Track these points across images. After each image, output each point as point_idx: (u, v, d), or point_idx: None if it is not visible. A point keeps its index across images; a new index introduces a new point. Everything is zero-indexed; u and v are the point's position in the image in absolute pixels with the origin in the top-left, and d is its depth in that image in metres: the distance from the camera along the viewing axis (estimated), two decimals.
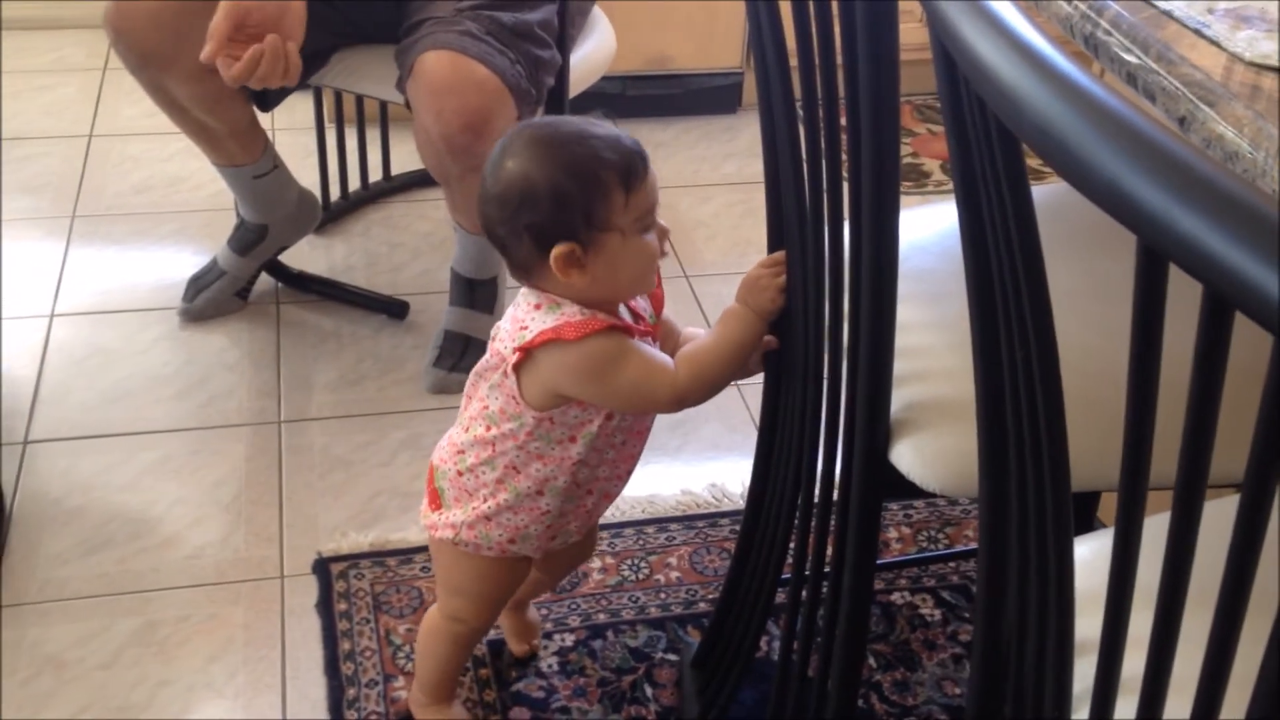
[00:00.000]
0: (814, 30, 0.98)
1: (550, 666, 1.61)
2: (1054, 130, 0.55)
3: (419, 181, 2.61)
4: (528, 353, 1.19)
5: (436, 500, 1.35)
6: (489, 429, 1.26)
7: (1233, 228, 0.48)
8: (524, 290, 1.23)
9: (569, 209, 1.15)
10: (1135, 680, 0.70)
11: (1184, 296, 0.59)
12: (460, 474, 1.31)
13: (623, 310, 1.25)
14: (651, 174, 1.19)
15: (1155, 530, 0.66)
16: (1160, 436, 0.63)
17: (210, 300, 2.22)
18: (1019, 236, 0.68)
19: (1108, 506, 1.69)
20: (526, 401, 1.22)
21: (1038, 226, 0.68)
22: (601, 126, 1.19)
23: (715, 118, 2.97)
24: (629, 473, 1.34)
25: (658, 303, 1.30)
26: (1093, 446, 0.90)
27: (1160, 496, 0.68)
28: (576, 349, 1.17)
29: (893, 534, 1.86)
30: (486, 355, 1.27)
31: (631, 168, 1.16)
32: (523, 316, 1.21)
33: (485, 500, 1.30)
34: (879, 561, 1.80)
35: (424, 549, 1.77)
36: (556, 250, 1.15)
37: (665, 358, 1.22)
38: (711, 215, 2.62)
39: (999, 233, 0.72)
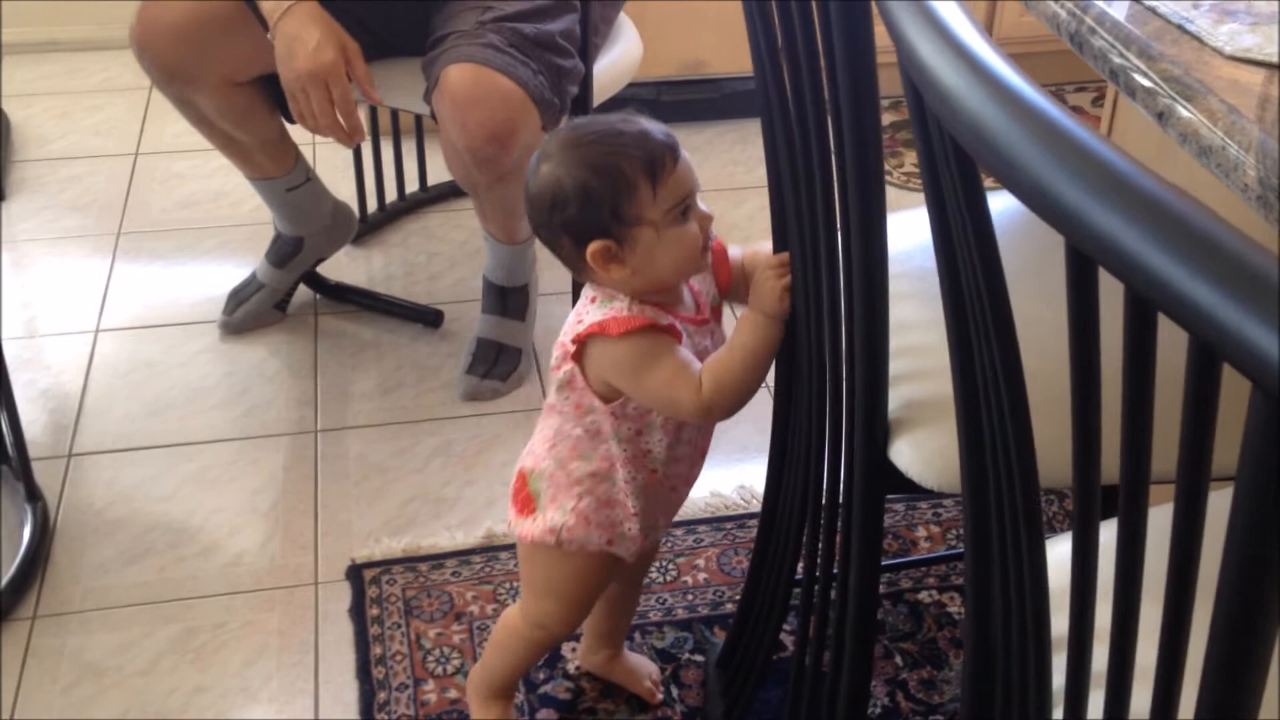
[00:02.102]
0: (799, 38, 0.99)
1: (577, 668, 1.63)
2: (985, 134, 0.56)
3: (454, 191, 2.64)
4: (582, 344, 1.23)
5: (529, 505, 1.36)
6: (573, 427, 1.29)
7: (1144, 225, 0.49)
8: (586, 288, 1.28)
9: (598, 207, 1.18)
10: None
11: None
12: (559, 470, 1.32)
13: (686, 295, 1.28)
14: (684, 163, 1.20)
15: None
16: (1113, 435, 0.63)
17: (250, 313, 2.27)
18: (976, 240, 0.69)
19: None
20: (594, 391, 1.25)
21: (994, 233, 0.69)
22: (632, 123, 1.21)
23: (750, 121, 2.97)
24: (703, 455, 1.37)
25: (722, 274, 1.32)
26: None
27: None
28: (617, 344, 1.21)
29: (921, 532, 1.86)
30: (553, 357, 1.30)
31: (656, 161, 1.18)
32: (580, 310, 1.26)
33: (582, 498, 1.31)
34: (908, 560, 1.81)
35: (454, 554, 1.79)
36: (591, 248, 1.20)
37: (697, 366, 1.23)
38: (746, 218, 2.63)
39: (962, 239, 0.73)
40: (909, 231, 1.35)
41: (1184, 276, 0.47)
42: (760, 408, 2.10)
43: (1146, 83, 0.88)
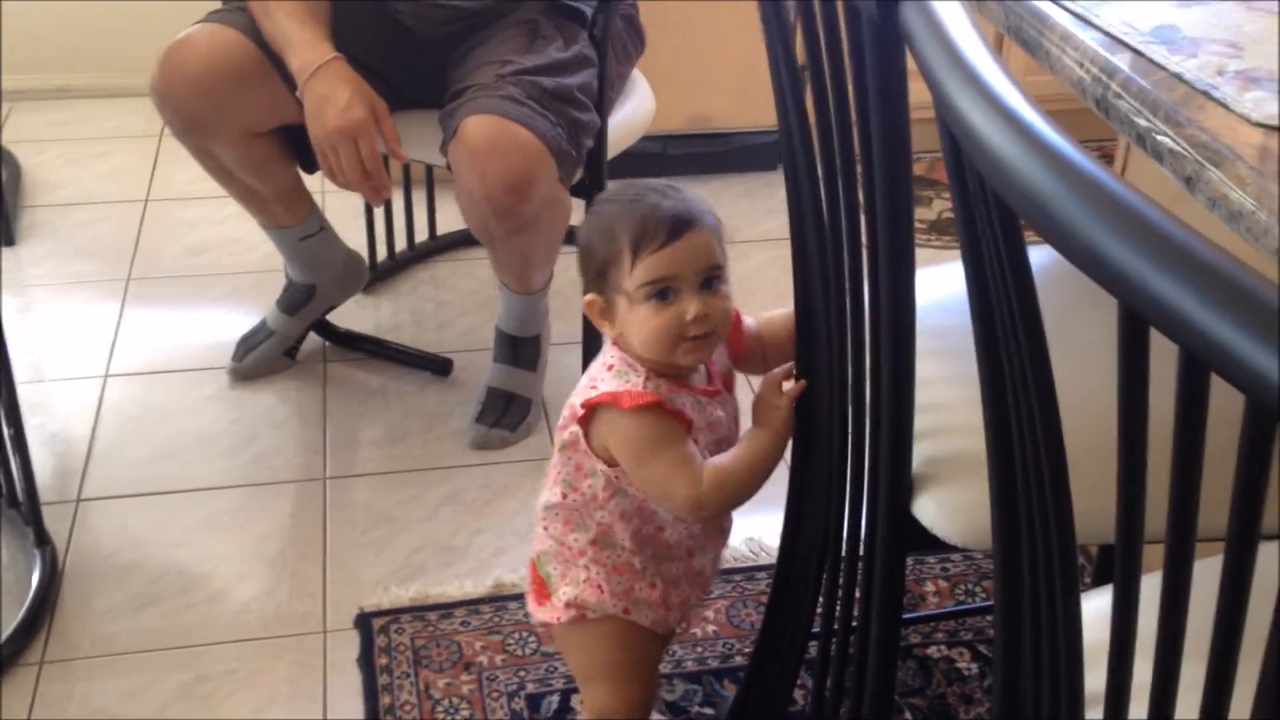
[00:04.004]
0: (830, 94, 1.01)
1: None
2: (1038, 198, 0.58)
3: (464, 241, 2.66)
4: (592, 410, 1.24)
5: (543, 591, 1.36)
6: (566, 496, 1.29)
7: (1205, 291, 0.50)
8: (605, 345, 1.29)
9: (591, 262, 1.24)
10: None
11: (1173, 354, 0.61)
12: (559, 546, 1.33)
13: (701, 372, 1.29)
14: (680, 246, 1.19)
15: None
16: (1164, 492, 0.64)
17: (259, 359, 2.27)
18: (1018, 298, 0.70)
19: (1152, 556, 1.68)
20: (596, 454, 1.26)
21: (1035, 288, 0.70)
22: (661, 195, 1.22)
23: (756, 175, 3.00)
24: (723, 526, 1.38)
25: (734, 343, 1.33)
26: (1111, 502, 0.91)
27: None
28: (626, 418, 1.22)
29: (929, 587, 1.86)
30: (561, 417, 1.30)
31: (644, 235, 1.19)
32: (596, 374, 1.27)
33: (589, 568, 1.31)
34: (916, 615, 1.81)
35: (463, 603, 1.79)
36: (587, 298, 1.25)
37: (700, 462, 1.24)
38: (753, 271, 2.65)
39: (1001, 293, 0.74)
40: (924, 289, 1.36)
41: (1243, 340, 0.48)
42: None
43: (1174, 147, 0.89)
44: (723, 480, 1.24)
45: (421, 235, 2.67)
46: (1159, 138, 0.91)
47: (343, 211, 2.61)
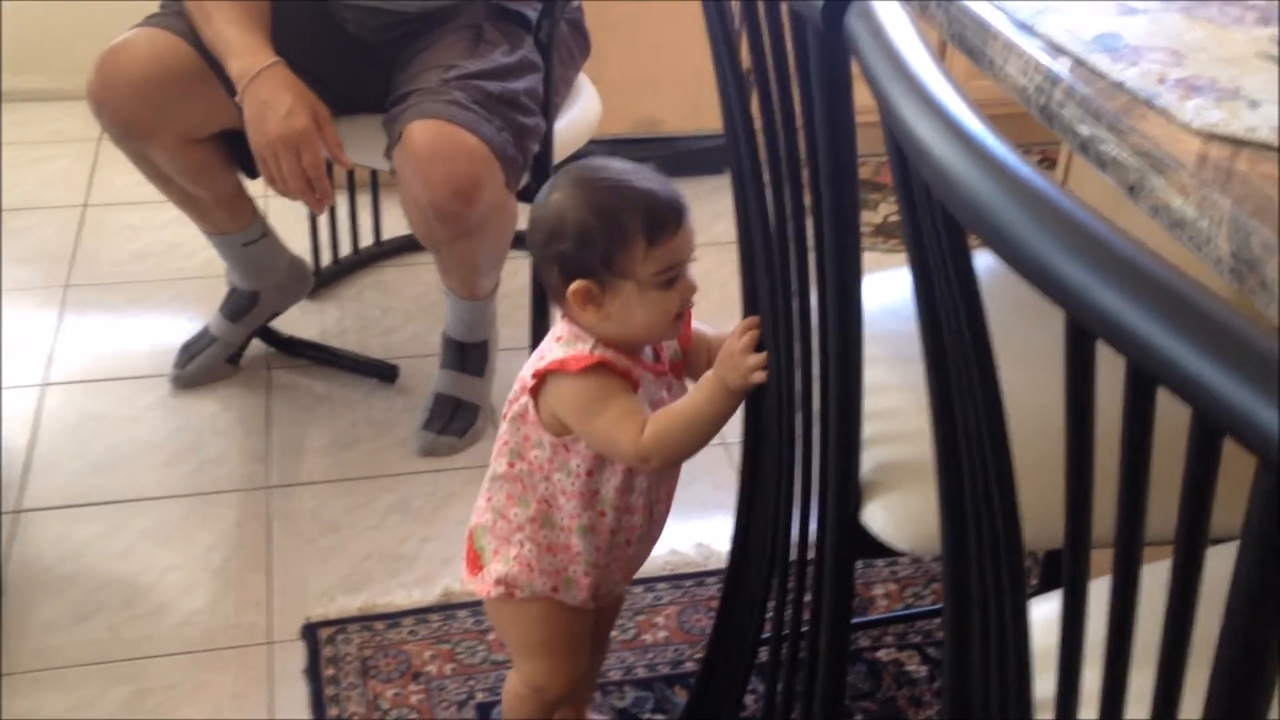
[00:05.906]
0: (775, 100, 1.01)
1: None
2: (985, 211, 0.58)
3: (409, 246, 2.64)
4: (541, 379, 1.25)
5: (476, 563, 1.38)
6: (513, 465, 1.30)
7: (1150, 304, 0.50)
8: (557, 321, 1.29)
9: (590, 249, 1.21)
10: None
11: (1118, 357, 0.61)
12: (496, 520, 1.34)
13: (647, 351, 1.30)
14: (685, 231, 1.23)
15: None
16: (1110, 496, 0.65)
17: (202, 367, 2.25)
18: (965, 307, 0.70)
19: (1100, 561, 1.70)
20: (544, 425, 1.27)
21: (981, 296, 0.70)
22: (647, 177, 1.23)
23: (704, 179, 3.00)
24: (664, 516, 1.37)
25: (684, 340, 1.34)
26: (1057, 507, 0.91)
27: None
28: (573, 381, 1.23)
29: (879, 590, 1.87)
30: (512, 390, 1.30)
31: (659, 222, 1.20)
32: (544, 347, 1.28)
33: (523, 545, 1.32)
34: (866, 619, 1.81)
35: (411, 612, 1.78)
36: (574, 285, 1.22)
37: (647, 413, 1.25)
38: (700, 275, 2.61)
39: (948, 302, 0.74)
40: (873, 294, 1.36)
41: (1190, 355, 0.48)
42: (717, 464, 2.12)
43: (1117, 155, 0.90)
44: (663, 429, 1.23)
45: (366, 240, 2.65)
46: (1102, 146, 0.92)
47: (286, 216, 2.58)
